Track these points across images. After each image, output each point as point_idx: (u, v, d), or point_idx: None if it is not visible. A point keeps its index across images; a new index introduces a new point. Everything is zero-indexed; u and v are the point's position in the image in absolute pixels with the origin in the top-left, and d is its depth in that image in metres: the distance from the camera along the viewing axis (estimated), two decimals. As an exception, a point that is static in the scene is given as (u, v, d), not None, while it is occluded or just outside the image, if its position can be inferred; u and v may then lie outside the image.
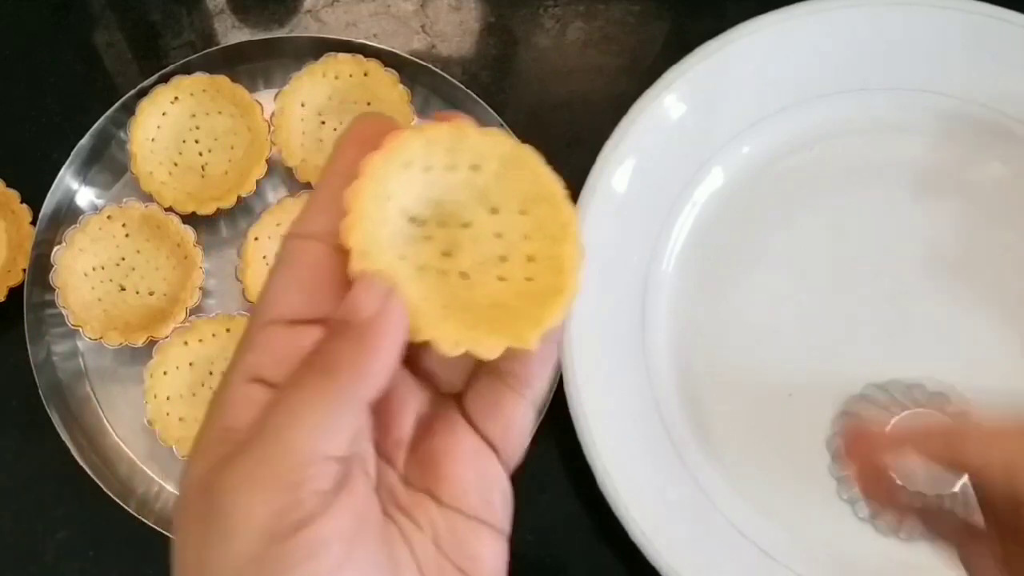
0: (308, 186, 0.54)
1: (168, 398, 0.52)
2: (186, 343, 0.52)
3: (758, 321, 0.53)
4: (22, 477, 0.53)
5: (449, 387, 0.28)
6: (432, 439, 0.27)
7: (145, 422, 0.52)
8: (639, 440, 0.52)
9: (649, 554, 0.50)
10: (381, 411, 0.26)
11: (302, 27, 0.59)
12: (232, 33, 0.59)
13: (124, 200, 0.54)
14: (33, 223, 0.54)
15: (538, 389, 0.28)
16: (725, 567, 0.51)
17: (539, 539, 0.53)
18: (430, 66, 0.56)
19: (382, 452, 0.27)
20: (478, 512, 0.27)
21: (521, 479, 0.53)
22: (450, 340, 0.24)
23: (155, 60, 0.58)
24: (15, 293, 0.53)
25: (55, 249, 0.53)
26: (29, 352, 0.52)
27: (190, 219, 0.54)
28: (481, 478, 0.27)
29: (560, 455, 0.53)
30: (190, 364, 0.52)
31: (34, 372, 0.52)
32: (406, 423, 0.27)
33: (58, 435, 0.51)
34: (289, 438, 0.23)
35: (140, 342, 0.52)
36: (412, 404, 0.27)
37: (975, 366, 0.53)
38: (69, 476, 0.51)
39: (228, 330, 0.53)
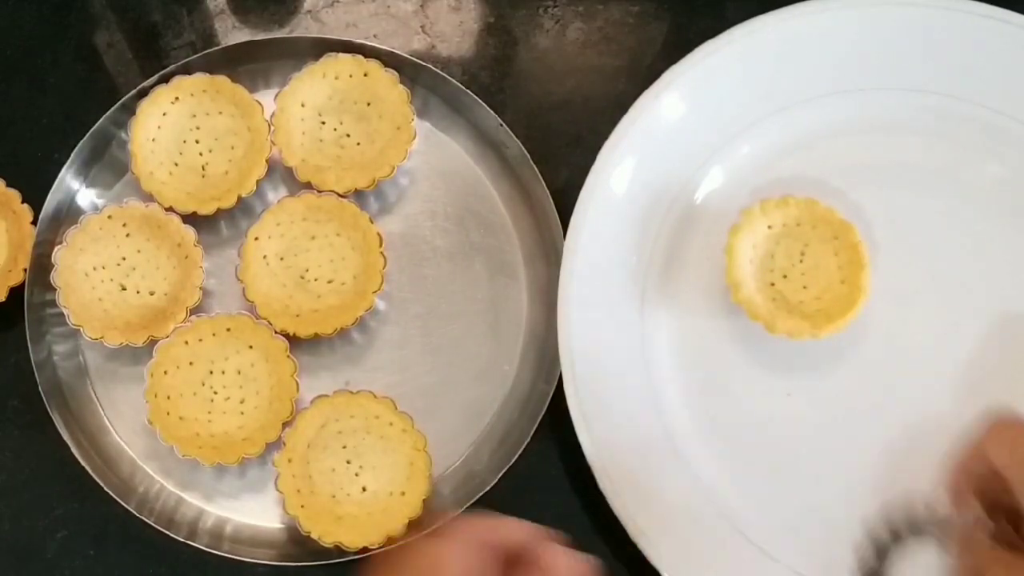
0: (308, 186, 0.54)
1: (168, 397, 0.52)
2: (186, 342, 0.52)
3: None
4: (23, 476, 0.54)
5: None
6: None
7: (146, 421, 0.52)
8: (639, 440, 0.52)
9: (649, 554, 0.50)
10: None
11: (302, 28, 0.59)
12: (232, 34, 0.59)
13: (125, 200, 0.54)
14: (34, 223, 0.54)
15: None
16: (725, 567, 0.51)
17: (539, 539, 0.53)
18: (430, 66, 0.56)
19: None
20: None
21: (521, 478, 0.54)
22: None
23: (155, 60, 0.58)
24: (16, 293, 0.54)
25: (56, 249, 0.53)
26: (30, 352, 0.52)
27: (190, 219, 0.54)
28: None
29: (560, 455, 0.54)
30: (190, 363, 0.52)
31: (35, 371, 0.52)
32: None
33: (59, 434, 0.52)
34: None
35: (141, 342, 0.52)
36: None
37: (973, 362, 0.53)
38: (70, 475, 0.51)
39: (228, 329, 0.53)
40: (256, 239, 0.54)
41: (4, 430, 0.54)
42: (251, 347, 0.53)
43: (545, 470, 0.54)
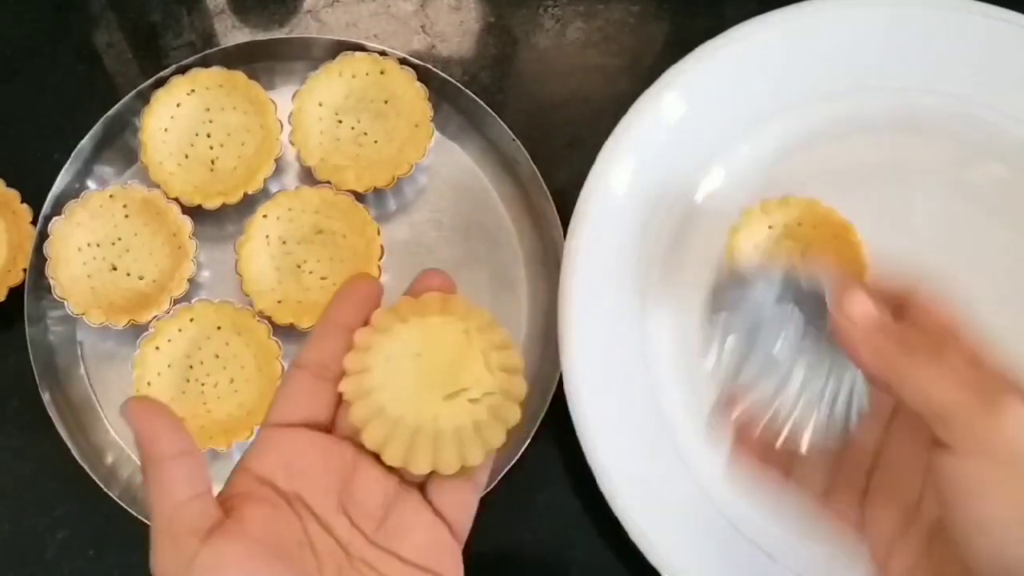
0: (327, 184, 0.54)
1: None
2: (157, 348, 0.52)
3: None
4: (23, 477, 0.54)
5: (412, 479, 0.38)
6: (398, 515, 0.37)
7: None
8: (639, 440, 0.52)
9: (649, 554, 0.50)
10: (354, 493, 0.36)
11: (302, 27, 0.59)
12: (232, 33, 0.59)
13: (128, 182, 0.54)
14: (34, 223, 0.54)
15: (484, 481, 0.39)
16: (725, 567, 0.51)
17: (539, 539, 0.53)
18: (430, 67, 0.56)
19: (354, 522, 0.36)
20: (433, 567, 0.36)
21: (521, 479, 0.54)
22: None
23: (155, 60, 0.58)
24: (15, 293, 0.54)
25: (53, 220, 0.53)
26: (29, 351, 0.52)
27: (196, 212, 0.54)
28: (435, 544, 0.37)
29: (560, 455, 0.54)
30: (168, 366, 0.52)
31: (34, 371, 0.52)
32: (373, 502, 0.37)
33: (58, 435, 0.51)
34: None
35: (121, 324, 0.52)
36: (379, 490, 0.37)
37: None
38: (70, 476, 0.51)
39: (192, 320, 0.53)
40: (264, 216, 0.54)
41: (4, 430, 0.54)
42: (219, 328, 0.53)
43: (545, 470, 0.54)
